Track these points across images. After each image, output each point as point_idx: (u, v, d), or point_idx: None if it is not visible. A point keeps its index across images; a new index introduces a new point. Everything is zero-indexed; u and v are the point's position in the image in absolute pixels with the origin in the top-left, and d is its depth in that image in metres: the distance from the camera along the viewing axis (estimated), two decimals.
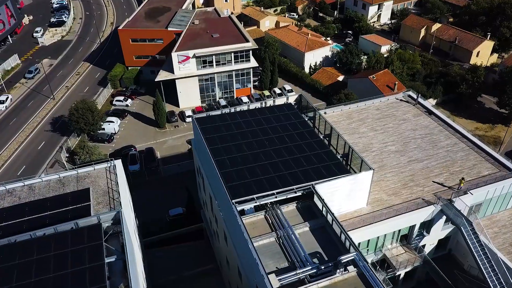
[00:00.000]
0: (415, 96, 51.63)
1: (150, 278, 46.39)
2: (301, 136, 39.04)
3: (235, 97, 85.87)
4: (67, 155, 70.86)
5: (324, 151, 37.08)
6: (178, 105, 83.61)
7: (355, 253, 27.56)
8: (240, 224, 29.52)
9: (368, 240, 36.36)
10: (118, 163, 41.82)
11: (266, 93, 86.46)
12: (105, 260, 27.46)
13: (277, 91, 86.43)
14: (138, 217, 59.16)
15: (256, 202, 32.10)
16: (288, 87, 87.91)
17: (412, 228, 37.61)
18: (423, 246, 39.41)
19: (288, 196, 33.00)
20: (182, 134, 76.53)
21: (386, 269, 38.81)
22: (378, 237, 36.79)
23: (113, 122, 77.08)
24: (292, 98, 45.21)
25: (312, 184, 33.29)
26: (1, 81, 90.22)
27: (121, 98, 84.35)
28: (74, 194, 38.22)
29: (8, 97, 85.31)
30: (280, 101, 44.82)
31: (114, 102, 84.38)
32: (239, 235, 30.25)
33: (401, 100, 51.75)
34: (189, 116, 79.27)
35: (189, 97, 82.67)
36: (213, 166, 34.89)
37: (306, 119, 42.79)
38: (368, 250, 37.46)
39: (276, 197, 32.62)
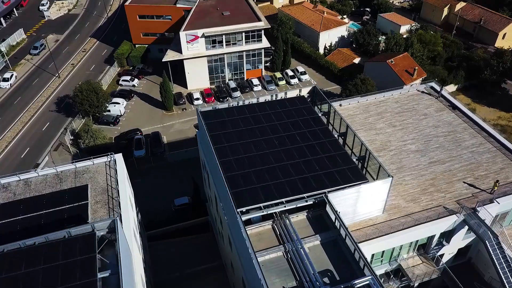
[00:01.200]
0: (438, 88, 47.85)
1: (152, 275, 44.88)
2: (314, 134, 36.05)
3: (245, 78, 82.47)
4: (72, 137, 68.93)
5: (338, 153, 34.13)
6: (186, 87, 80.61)
7: (370, 277, 25.08)
8: (245, 237, 27.09)
9: (383, 250, 33.82)
10: (119, 157, 39.48)
11: (278, 75, 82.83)
12: (98, 275, 25.40)
13: (290, 73, 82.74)
14: (142, 205, 57.44)
15: (263, 212, 29.59)
16: (301, 68, 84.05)
17: (431, 238, 34.92)
18: (441, 255, 36.80)
19: (298, 205, 30.38)
20: (190, 118, 73.84)
21: (400, 278, 36.51)
22: (393, 247, 34.20)
23: (119, 103, 74.62)
24: (305, 91, 41.92)
25: (325, 193, 30.56)
26: (6, 57, 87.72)
27: (128, 78, 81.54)
28: (72, 191, 36.15)
29: (12, 75, 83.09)
30: (292, 93, 41.56)
31: (120, 82, 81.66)
32: (243, 247, 27.90)
33: (422, 92, 48.05)
34: (197, 99, 76.43)
35: (197, 78, 79.49)
36: (218, 168, 32.28)
37: (320, 114, 39.63)
38: (382, 260, 35.01)
39: (285, 206, 30.04)
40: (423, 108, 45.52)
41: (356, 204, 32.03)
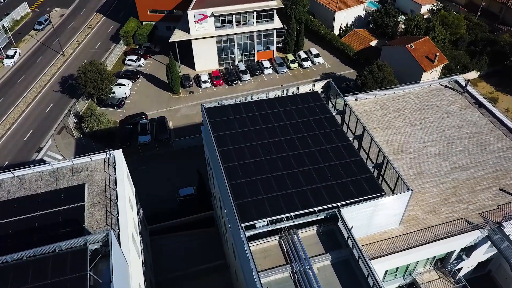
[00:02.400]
0: (463, 83, 44.19)
1: (154, 273, 43.43)
2: (327, 137, 33.20)
3: (255, 60, 78.89)
4: (75, 120, 66.81)
5: (353, 160, 31.34)
6: (194, 68, 77.41)
7: None
8: (248, 257, 24.84)
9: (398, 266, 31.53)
10: (118, 154, 37.18)
11: (290, 57, 79.04)
12: None
13: (303, 55, 78.89)
14: (146, 195, 55.81)
15: (269, 227, 27.23)
16: (314, 50, 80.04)
17: (450, 252, 32.41)
18: (460, 269, 34.41)
19: (308, 220, 27.94)
20: (197, 102, 71.02)
21: None
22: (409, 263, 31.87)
23: (124, 85, 71.94)
24: (318, 86, 38.68)
25: (338, 207, 28.00)
26: (9, 32, 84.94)
27: (134, 57, 78.45)
28: (68, 191, 34.20)
29: (16, 52, 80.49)
30: (305, 88, 38.37)
31: (126, 62, 78.69)
32: (247, 266, 25.73)
33: (446, 86, 44.46)
34: (205, 82, 73.35)
35: (205, 60, 76.16)
36: (222, 174, 29.81)
37: (334, 113, 36.59)
38: (396, 275, 32.75)
39: (293, 221, 27.62)
40: (446, 105, 42.11)
41: (371, 218, 29.50)
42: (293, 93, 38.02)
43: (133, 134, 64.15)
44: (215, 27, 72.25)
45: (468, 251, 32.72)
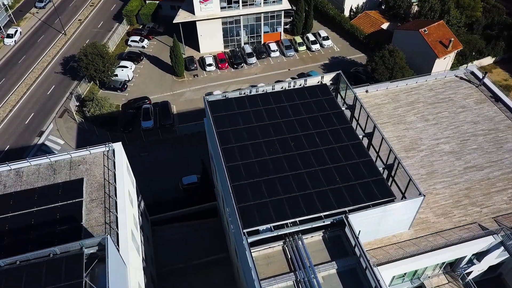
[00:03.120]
0: (479, 75, 41.96)
1: (156, 266, 42.78)
2: (335, 135, 31.56)
3: (262, 42, 76.44)
4: (77, 103, 65.43)
5: (363, 161, 29.77)
6: (198, 50, 75.21)
7: None
8: (251, 266, 23.73)
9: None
10: (118, 147, 35.82)
11: (298, 39, 76.46)
12: None
13: (311, 37, 76.27)
14: (149, 182, 54.95)
15: (273, 233, 26.00)
16: (323, 33, 77.33)
17: (460, 257, 31.16)
18: (469, 272, 33.23)
19: (313, 226, 26.66)
20: (201, 86, 69.27)
21: None
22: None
23: (127, 67, 70.14)
24: (328, 77, 36.70)
25: (345, 212, 26.65)
26: (9, 10, 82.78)
27: (137, 38, 76.30)
28: (66, 185, 33.11)
29: (17, 30, 78.58)
30: (313, 80, 36.42)
31: (129, 43, 76.59)
32: (249, 273, 24.65)
33: (461, 78, 42.28)
34: (209, 65, 71.25)
35: (211, 41, 73.90)
36: (224, 173, 28.45)
37: (344, 108, 34.80)
38: (404, 278, 31.65)
39: (299, 227, 26.35)
40: (461, 99, 40.08)
41: (380, 222, 28.14)
42: (300, 85, 36.15)
43: (136, 119, 62.81)
44: (221, 8, 69.66)
45: (479, 255, 31.42)
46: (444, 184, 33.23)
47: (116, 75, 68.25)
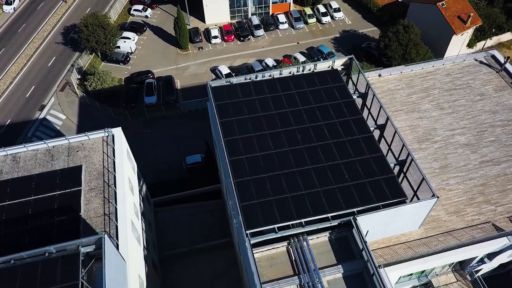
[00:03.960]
0: (501, 59, 39.40)
1: (158, 249, 42.31)
2: (346, 127, 29.82)
3: (270, 13, 73.14)
4: (79, 77, 63.59)
5: (374, 156, 28.18)
6: (203, 20, 72.19)
7: None
8: (253, 271, 22.76)
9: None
10: (118, 132, 34.39)
11: (308, 11, 73.07)
12: None
13: (321, 9, 72.89)
14: (151, 160, 53.99)
15: (277, 234, 24.87)
16: (335, 4, 73.72)
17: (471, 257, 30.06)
18: (479, 269, 32.25)
19: (320, 227, 25.46)
20: (206, 59, 66.88)
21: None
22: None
23: (129, 39, 67.69)
24: (339, 62, 34.44)
25: (354, 213, 25.36)
26: None
27: (140, 7, 73.28)
28: (64, 173, 32.07)
29: None
30: (323, 65, 34.21)
31: (132, 12, 73.64)
32: (251, 275, 23.75)
33: (481, 62, 39.75)
34: (215, 37, 68.48)
35: (216, 12, 70.78)
36: (228, 168, 27.10)
37: (355, 97, 32.81)
38: (411, 276, 30.72)
39: (304, 227, 25.17)
40: (479, 86, 37.78)
41: (389, 222, 26.88)
42: (310, 70, 34.03)
43: (139, 94, 61.05)
44: None
45: (491, 255, 30.29)
46: (458, 179, 31.67)
47: (118, 47, 65.95)
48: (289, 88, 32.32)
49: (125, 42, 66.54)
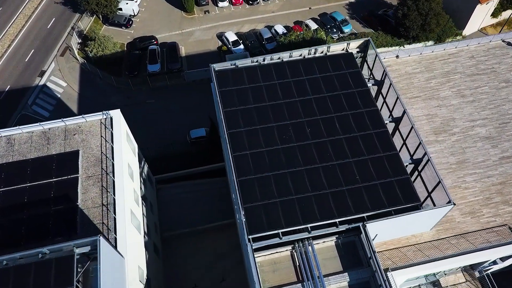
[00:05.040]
0: None
1: (160, 229, 41.67)
2: (359, 120, 27.74)
3: None
4: (79, 41, 60.78)
5: (387, 155, 26.30)
6: None
7: None
8: (255, 280, 21.71)
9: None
10: (116, 115, 32.59)
11: None
12: None
13: None
14: (155, 132, 52.53)
15: (281, 240, 23.59)
16: None
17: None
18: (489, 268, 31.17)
19: (326, 232, 24.10)
20: (212, 24, 63.40)
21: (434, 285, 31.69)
22: None
23: (132, 0, 63.87)
24: (354, 44, 31.67)
25: (363, 219, 23.88)
26: None
27: None
28: (60, 158, 30.74)
29: None
30: (337, 47, 31.51)
31: None
32: (253, 280, 22.77)
33: (508, 44, 36.63)
34: (222, 0, 64.54)
35: None
36: (230, 164, 25.48)
37: (370, 84, 30.40)
38: (418, 277, 29.68)
39: (310, 233, 23.83)
40: (505, 71, 34.97)
41: (400, 227, 25.46)
42: (322, 53, 31.40)
43: (142, 62, 58.42)
44: None
45: (505, 257, 29.01)
46: (475, 176, 29.84)
47: (120, 9, 62.49)
48: (299, 73, 29.93)
49: (127, 4, 63.00)
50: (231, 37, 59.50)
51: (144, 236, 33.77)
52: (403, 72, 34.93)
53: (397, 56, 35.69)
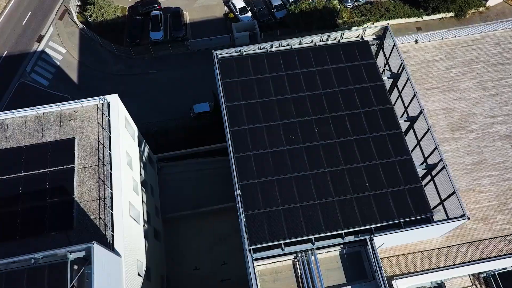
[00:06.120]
0: None
1: (161, 211, 40.98)
2: (372, 119, 25.82)
3: None
4: (78, 3, 57.61)
5: (400, 160, 24.60)
6: None
7: None
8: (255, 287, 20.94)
9: None
10: (114, 100, 30.80)
11: None
12: None
13: None
14: (158, 104, 50.89)
15: (283, 251, 22.54)
16: None
17: None
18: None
19: (331, 244, 22.98)
20: None
21: None
22: None
23: None
24: (371, 31, 29.00)
25: (371, 232, 22.65)
26: None
27: None
28: (55, 146, 29.45)
29: None
30: (351, 33, 28.87)
31: None
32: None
33: None
34: None
35: None
36: (231, 167, 24.04)
37: (386, 78, 28.12)
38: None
39: (313, 243, 22.72)
40: None
41: (408, 237, 24.26)
42: (335, 40, 28.89)
43: (144, 29, 55.51)
44: None
45: None
46: (491, 179, 28.21)
47: None
48: (309, 63, 27.64)
49: None
50: (239, 3, 56.00)
51: (144, 225, 33.04)
52: (421, 60, 32.39)
53: (416, 41, 33.00)
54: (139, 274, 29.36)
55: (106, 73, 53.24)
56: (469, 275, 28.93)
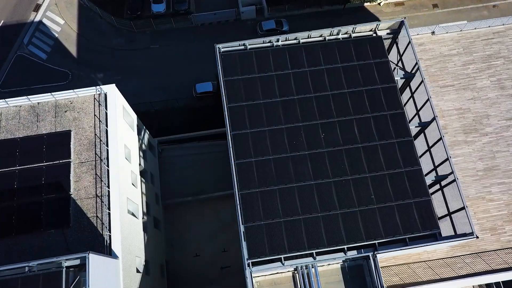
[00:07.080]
0: None
1: (162, 197, 40.44)
2: (381, 125, 24.42)
3: None
4: None
5: (409, 171, 23.43)
6: None
7: None
8: None
9: None
10: (111, 91, 29.45)
11: None
12: None
13: None
14: (160, 82, 49.37)
15: (283, 266, 21.90)
16: None
17: None
18: None
19: (332, 257, 22.28)
20: None
21: None
22: None
23: None
24: (385, 25, 26.93)
25: (375, 247, 21.88)
26: None
27: None
28: (51, 139, 28.53)
29: None
30: (364, 27, 26.80)
31: None
32: None
33: None
34: None
35: None
36: (232, 174, 23.05)
37: (399, 78, 26.40)
38: None
39: (315, 258, 22.04)
40: None
41: (413, 249, 23.53)
42: (346, 34, 26.94)
43: (145, 0, 52.86)
44: None
45: None
46: (502, 187, 27.09)
47: None
48: (318, 61, 25.90)
49: None
50: None
51: (143, 217, 32.54)
52: (437, 54, 30.42)
53: (432, 33, 30.86)
54: (137, 271, 29.14)
55: (106, 47, 51.25)
56: (472, 286, 28.48)
